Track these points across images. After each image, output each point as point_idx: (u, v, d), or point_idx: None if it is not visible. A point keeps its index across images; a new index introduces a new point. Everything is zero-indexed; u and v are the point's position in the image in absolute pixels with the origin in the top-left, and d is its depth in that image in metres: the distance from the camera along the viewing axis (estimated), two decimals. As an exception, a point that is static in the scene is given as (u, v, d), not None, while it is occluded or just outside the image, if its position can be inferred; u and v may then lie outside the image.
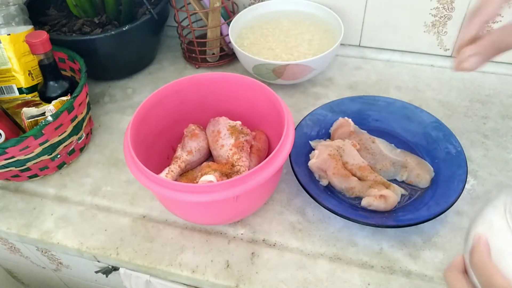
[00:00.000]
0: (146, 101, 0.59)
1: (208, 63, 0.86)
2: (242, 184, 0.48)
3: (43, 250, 0.76)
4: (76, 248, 0.60)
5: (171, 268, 0.56)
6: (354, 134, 0.66)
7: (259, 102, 0.62)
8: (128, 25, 0.73)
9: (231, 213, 0.57)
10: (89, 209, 0.64)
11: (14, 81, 0.68)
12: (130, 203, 0.64)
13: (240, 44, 0.79)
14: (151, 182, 0.50)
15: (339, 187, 0.60)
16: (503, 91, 0.77)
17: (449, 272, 0.35)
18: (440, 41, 0.82)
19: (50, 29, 0.80)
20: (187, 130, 0.64)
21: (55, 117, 0.60)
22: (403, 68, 0.83)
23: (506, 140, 0.68)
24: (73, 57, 0.71)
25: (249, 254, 0.57)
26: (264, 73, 0.75)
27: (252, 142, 0.62)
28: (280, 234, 0.59)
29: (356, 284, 0.53)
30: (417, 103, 0.72)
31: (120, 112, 0.79)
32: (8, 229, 0.63)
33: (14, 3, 0.70)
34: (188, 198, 0.48)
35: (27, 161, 0.62)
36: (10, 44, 0.66)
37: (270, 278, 0.54)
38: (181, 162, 0.60)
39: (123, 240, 0.60)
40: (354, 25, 0.84)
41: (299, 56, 0.77)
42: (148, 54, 0.87)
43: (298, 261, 0.56)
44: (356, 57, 0.86)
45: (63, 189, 0.67)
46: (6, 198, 0.67)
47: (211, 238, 0.59)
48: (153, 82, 0.84)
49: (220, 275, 0.55)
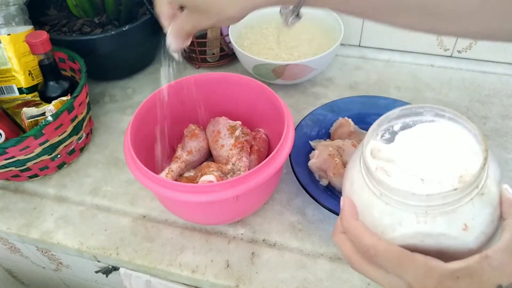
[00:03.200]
0: (146, 101, 0.59)
1: (208, 63, 0.86)
2: (242, 184, 0.48)
3: (43, 250, 0.76)
4: (76, 248, 0.60)
5: (171, 268, 0.56)
6: (354, 134, 0.66)
7: (259, 102, 0.62)
8: (128, 25, 0.73)
9: (231, 213, 0.57)
10: (89, 209, 0.64)
11: (14, 81, 0.68)
12: (130, 203, 0.64)
13: (240, 44, 0.79)
14: (151, 182, 0.50)
15: (339, 187, 0.60)
16: (503, 91, 0.77)
17: (334, 235, 0.35)
18: (440, 41, 0.82)
19: (50, 29, 0.80)
20: (187, 130, 0.64)
21: (55, 117, 0.60)
22: (403, 68, 0.83)
23: (506, 140, 0.68)
24: (73, 57, 0.71)
25: (249, 254, 0.57)
26: (264, 73, 0.75)
27: (252, 142, 0.62)
28: (280, 234, 0.59)
29: (356, 284, 0.53)
30: (417, 103, 0.72)
31: (120, 112, 0.79)
32: (8, 229, 0.63)
33: (14, 3, 0.70)
34: (188, 198, 0.48)
35: (27, 161, 0.62)
36: (10, 44, 0.66)
37: (270, 278, 0.54)
38: (181, 162, 0.60)
39: (123, 240, 0.60)
40: (354, 25, 0.84)
41: (299, 56, 0.77)
42: (148, 54, 0.87)
43: (298, 261, 0.56)
44: (356, 57, 0.86)
45: (63, 189, 0.67)
46: (6, 198, 0.67)
47: (211, 238, 0.59)
48: (153, 82, 0.84)
49: (220, 275, 0.55)
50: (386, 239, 0.30)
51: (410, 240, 0.29)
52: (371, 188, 0.31)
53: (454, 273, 0.27)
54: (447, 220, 0.28)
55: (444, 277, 0.28)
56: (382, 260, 0.30)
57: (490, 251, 0.28)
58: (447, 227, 0.29)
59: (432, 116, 0.34)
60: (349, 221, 0.32)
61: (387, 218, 0.30)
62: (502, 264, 0.27)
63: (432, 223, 0.29)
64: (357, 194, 0.32)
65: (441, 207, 0.28)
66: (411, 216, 0.29)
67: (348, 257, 0.33)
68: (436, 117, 0.34)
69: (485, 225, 0.29)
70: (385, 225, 0.30)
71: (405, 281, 0.29)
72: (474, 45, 0.80)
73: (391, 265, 0.29)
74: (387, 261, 0.29)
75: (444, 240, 0.29)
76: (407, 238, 0.29)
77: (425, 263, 0.28)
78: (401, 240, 0.30)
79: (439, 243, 0.29)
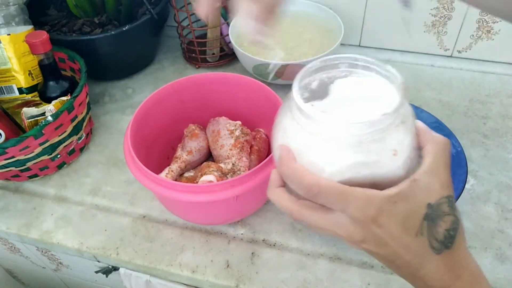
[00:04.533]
0: (146, 101, 0.59)
1: (208, 63, 0.86)
2: (242, 184, 0.48)
3: (43, 250, 0.76)
4: (76, 248, 0.60)
5: (171, 268, 0.56)
6: (354, 134, 0.66)
7: (259, 102, 0.62)
8: (128, 25, 0.73)
9: (231, 213, 0.57)
10: (89, 209, 0.64)
11: (14, 81, 0.68)
12: (130, 203, 0.64)
13: (240, 44, 0.79)
14: (151, 182, 0.50)
15: (339, 187, 0.60)
16: (503, 91, 0.77)
17: (270, 190, 0.35)
18: (440, 41, 0.82)
19: (50, 29, 0.80)
20: (187, 130, 0.64)
21: (55, 117, 0.60)
22: (403, 68, 0.83)
23: (506, 140, 0.68)
24: (73, 57, 0.71)
25: (249, 254, 0.57)
26: (264, 73, 0.75)
27: (252, 142, 0.62)
28: (280, 234, 0.59)
29: (356, 284, 0.53)
30: (417, 103, 0.72)
31: (120, 112, 0.79)
32: (8, 229, 0.63)
33: (14, 3, 0.70)
34: (188, 198, 0.48)
35: (27, 161, 0.62)
36: (10, 44, 0.66)
37: (270, 278, 0.54)
38: (181, 162, 0.60)
39: (123, 240, 0.60)
40: (354, 25, 0.84)
41: (299, 56, 0.77)
42: (148, 54, 0.87)
43: (298, 261, 0.56)
44: (356, 57, 0.86)
45: (63, 189, 0.67)
46: (6, 198, 0.67)
47: (211, 238, 0.59)
48: (153, 82, 0.84)
49: (220, 275, 0.55)
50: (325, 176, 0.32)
51: (347, 174, 0.31)
52: (306, 129, 0.32)
53: (391, 198, 0.29)
54: (379, 147, 0.31)
55: (383, 204, 0.29)
56: (325, 197, 0.31)
57: (417, 175, 0.30)
58: (380, 154, 0.31)
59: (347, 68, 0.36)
60: (289, 165, 0.33)
61: (325, 155, 0.32)
62: (428, 185, 0.30)
63: (366, 152, 0.31)
64: (291, 139, 0.34)
65: (372, 135, 0.30)
66: (347, 148, 0.31)
67: (288, 209, 0.34)
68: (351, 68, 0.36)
69: (409, 150, 0.32)
70: (323, 162, 0.32)
71: (348, 215, 0.31)
72: (474, 45, 0.81)
73: (334, 200, 0.31)
74: (330, 197, 0.31)
75: (377, 169, 0.31)
76: (345, 171, 0.31)
77: (364, 193, 0.30)
78: (340, 175, 0.31)
79: (373, 173, 0.31)
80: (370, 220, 0.30)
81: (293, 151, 0.33)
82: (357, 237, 0.31)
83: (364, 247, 0.32)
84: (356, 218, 0.30)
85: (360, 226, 0.30)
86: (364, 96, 0.34)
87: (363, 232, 0.31)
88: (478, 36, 0.79)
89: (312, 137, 0.32)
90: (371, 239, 0.31)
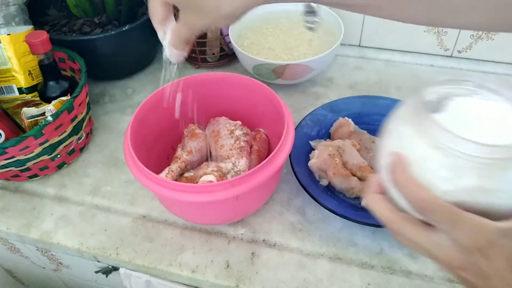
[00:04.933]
0: (146, 101, 0.59)
1: (208, 63, 0.86)
2: (242, 184, 0.48)
3: (43, 250, 0.76)
4: (76, 248, 0.60)
5: (171, 268, 0.56)
6: (354, 134, 0.66)
7: (259, 102, 0.62)
8: (128, 25, 0.73)
9: (231, 213, 0.57)
10: (89, 209, 0.64)
11: (14, 81, 0.68)
12: (130, 203, 0.64)
13: (240, 44, 0.79)
14: (151, 182, 0.50)
15: (339, 187, 0.60)
16: (503, 91, 0.77)
17: (369, 195, 0.34)
18: (440, 41, 0.82)
19: (50, 29, 0.80)
20: (187, 130, 0.64)
21: (55, 117, 0.60)
22: (403, 68, 0.83)
23: (506, 140, 0.68)
24: (73, 57, 0.71)
25: (249, 254, 0.57)
26: (264, 73, 0.75)
27: (252, 142, 0.62)
28: (280, 234, 0.59)
29: (356, 284, 0.53)
30: (417, 103, 0.72)
31: (120, 112, 0.79)
32: (8, 229, 0.63)
33: (14, 3, 0.70)
34: (188, 198, 0.48)
35: (27, 161, 0.62)
36: (10, 44, 0.66)
37: (270, 278, 0.54)
38: (181, 162, 0.60)
39: (123, 240, 0.60)
40: (354, 25, 0.84)
41: (299, 56, 0.77)
42: (148, 54, 0.87)
43: (298, 261, 0.56)
44: (356, 57, 0.86)
45: (63, 189, 0.67)
46: (6, 198, 0.67)
47: (211, 238, 0.59)
48: (153, 82, 0.84)
49: (220, 275, 0.55)
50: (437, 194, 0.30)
51: (463, 196, 0.29)
52: (427, 139, 0.30)
53: (505, 232, 0.28)
54: (507, 177, 0.28)
55: (495, 236, 0.28)
56: (436, 215, 0.29)
57: None
58: (505, 183, 0.28)
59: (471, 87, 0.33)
60: (403, 174, 0.31)
61: (444, 172, 0.29)
62: None
63: (493, 177, 0.28)
64: (408, 148, 0.31)
65: (505, 162, 0.28)
66: (473, 170, 0.28)
67: (387, 218, 0.32)
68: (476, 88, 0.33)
69: None
70: (440, 179, 0.29)
71: (453, 238, 0.29)
72: (474, 45, 0.81)
73: (445, 220, 0.29)
74: (441, 216, 0.29)
75: (495, 199, 0.29)
76: (461, 192, 0.29)
77: (477, 221, 0.28)
78: (454, 195, 0.29)
79: (490, 202, 0.29)
80: (477, 249, 0.28)
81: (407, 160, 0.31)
82: (456, 263, 0.30)
83: (460, 274, 0.30)
84: (463, 244, 0.29)
85: (464, 253, 0.29)
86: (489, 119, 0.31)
87: (466, 259, 0.29)
88: (478, 36, 0.79)
89: (434, 151, 0.30)
90: (472, 269, 0.29)
